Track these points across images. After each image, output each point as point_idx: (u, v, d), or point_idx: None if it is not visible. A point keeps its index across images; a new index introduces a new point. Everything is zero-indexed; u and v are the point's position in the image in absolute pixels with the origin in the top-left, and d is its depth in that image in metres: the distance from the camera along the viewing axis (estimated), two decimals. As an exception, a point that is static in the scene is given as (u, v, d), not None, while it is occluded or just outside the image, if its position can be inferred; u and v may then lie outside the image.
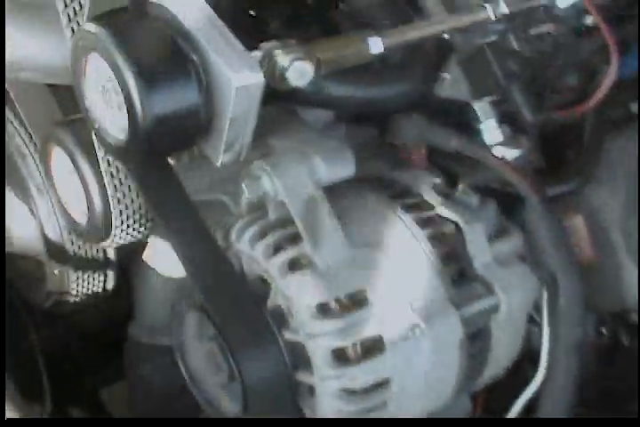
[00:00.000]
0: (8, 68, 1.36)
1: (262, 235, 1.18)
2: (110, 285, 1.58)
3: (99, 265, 1.54)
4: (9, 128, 1.52)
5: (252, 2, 1.51)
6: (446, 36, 1.35)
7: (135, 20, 1.13)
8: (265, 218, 1.20)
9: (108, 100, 1.14)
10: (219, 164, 1.18)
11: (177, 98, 1.11)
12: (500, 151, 1.37)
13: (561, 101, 1.46)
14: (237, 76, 1.10)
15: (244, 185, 1.18)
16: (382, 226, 1.20)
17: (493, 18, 1.28)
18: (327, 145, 1.20)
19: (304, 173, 1.17)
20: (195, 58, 1.13)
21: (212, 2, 1.16)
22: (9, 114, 1.52)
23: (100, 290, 1.58)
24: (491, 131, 1.38)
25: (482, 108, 1.38)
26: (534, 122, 1.33)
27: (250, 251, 1.18)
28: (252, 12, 1.55)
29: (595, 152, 1.38)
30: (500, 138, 1.38)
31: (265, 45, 1.19)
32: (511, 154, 1.37)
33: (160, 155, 1.18)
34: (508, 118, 1.37)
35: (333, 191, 1.21)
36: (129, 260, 1.54)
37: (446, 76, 1.35)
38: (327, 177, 1.19)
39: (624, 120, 1.47)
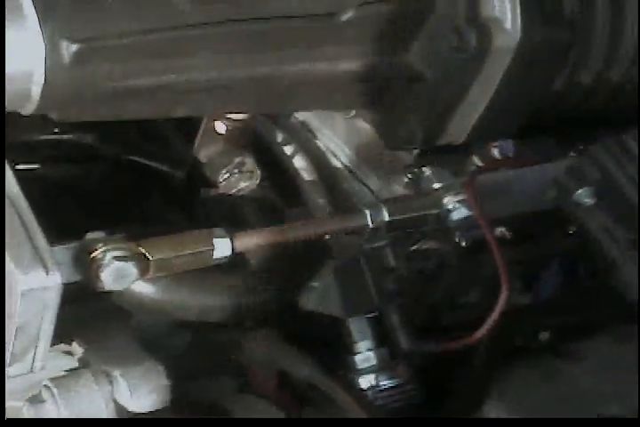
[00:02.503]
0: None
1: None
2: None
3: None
4: None
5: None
6: (327, 236, 1.17)
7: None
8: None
9: None
10: (5, 377, 0.96)
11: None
12: (370, 379, 1.16)
13: (464, 317, 1.27)
14: (26, 277, 0.90)
15: (24, 409, 0.96)
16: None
17: (370, 224, 1.08)
18: (140, 368, 0.99)
19: (100, 402, 0.96)
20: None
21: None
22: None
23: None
24: (364, 353, 1.18)
25: (357, 325, 1.18)
26: (410, 351, 1.13)
27: None
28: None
29: (481, 388, 1.17)
30: (374, 362, 1.17)
31: (87, 236, 0.99)
32: (384, 384, 1.17)
33: None
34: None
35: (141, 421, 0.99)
36: None
37: (316, 285, 1.15)
38: (132, 407, 0.98)
39: (528, 351, 1.26)
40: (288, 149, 1.24)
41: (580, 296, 1.35)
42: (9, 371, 0.96)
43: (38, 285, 0.90)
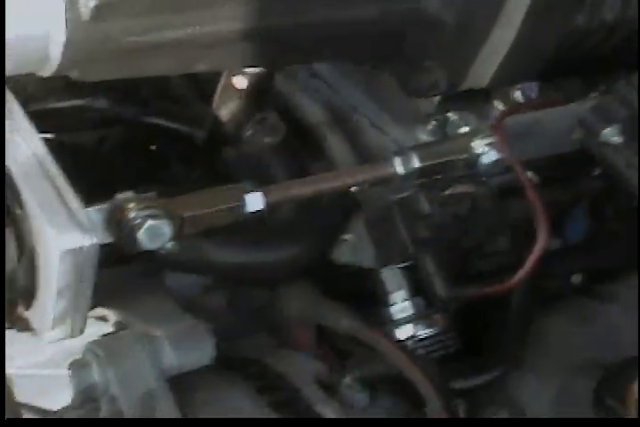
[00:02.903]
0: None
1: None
2: None
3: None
4: None
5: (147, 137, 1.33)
6: (353, 189, 1.15)
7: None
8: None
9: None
10: (46, 342, 0.95)
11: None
12: (408, 330, 1.15)
13: (492, 266, 1.26)
14: (63, 237, 0.89)
15: (70, 374, 0.95)
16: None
17: (402, 172, 1.07)
18: (181, 326, 0.97)
19: (145, 362, 0.94)
20: (18, 212, 0.91)
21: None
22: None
23: None
24: (400, 303, 1.17)
25: (390, 276, 1.17)
26: (448, 298, 1.11)
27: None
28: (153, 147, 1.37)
29: (520, 335, 1.16)
30: (410, 312, 1.16)
31: (117, 197, 0.98)
32: (422, 333, 1.15)
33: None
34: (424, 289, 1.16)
35: (187, 380, 0.98)
36: None
37: (348, 237, 1.14)
38: (177, 366, 0.97)
39: (562, 296, 1.25)
40: (308, 103, 1.22)
41: (609, 238, 1.34)
42: (50, 335, 0.95)
43: (76, 245, 0.89)
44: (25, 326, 1.01)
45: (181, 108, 1.22)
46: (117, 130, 1.31)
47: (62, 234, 0.88)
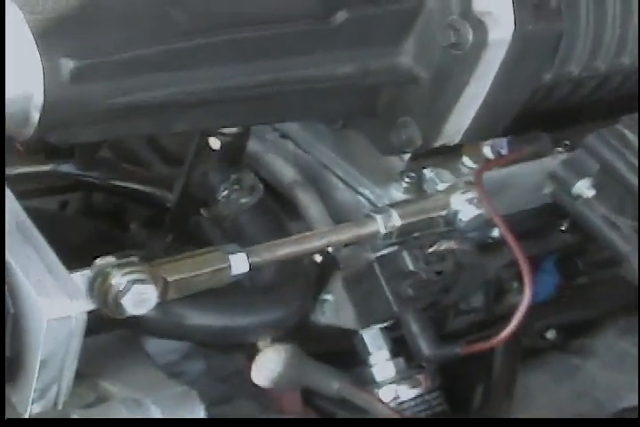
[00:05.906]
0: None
1: None
2: None
3: None
4: None
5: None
6: (330, 249, 1.13)
7: None
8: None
9: None
10: (27, 415, 0.91)
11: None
12: (391, 391, 1.13)
13: (466, 323, 1.25)
14: (50, 304, 0.85)
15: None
16: None
17: (383, 231, 1.06)
18: (171, 392, 0.94)
19: (136, 433, 0.91)
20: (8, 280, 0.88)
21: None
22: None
23: None
24: (381, 365, 1.15)
25: (371, 336, 1.15)
26: (433, 357, 1.09)
27: None
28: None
29: (507, 390, 1.15)
30: (392, 374, 1.14)
31: (98, 262, 0.94)
32: (406, 394, 1.13)
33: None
34: (404, 349, 1.14)
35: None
36: None
37: (328, 298, 1.12)
38: (168, 434, 0.93)
39: (537, 351, 1.25)
40: (279, 163, 1.21)
41: (580, 292, 1.34)
42: (32, 409, 0.90)
43: (64, 313, 0.85)
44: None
45: (148, 171, 1.20)
46: (79, 194, 1.28)
47: (50, 302, 0.85)
